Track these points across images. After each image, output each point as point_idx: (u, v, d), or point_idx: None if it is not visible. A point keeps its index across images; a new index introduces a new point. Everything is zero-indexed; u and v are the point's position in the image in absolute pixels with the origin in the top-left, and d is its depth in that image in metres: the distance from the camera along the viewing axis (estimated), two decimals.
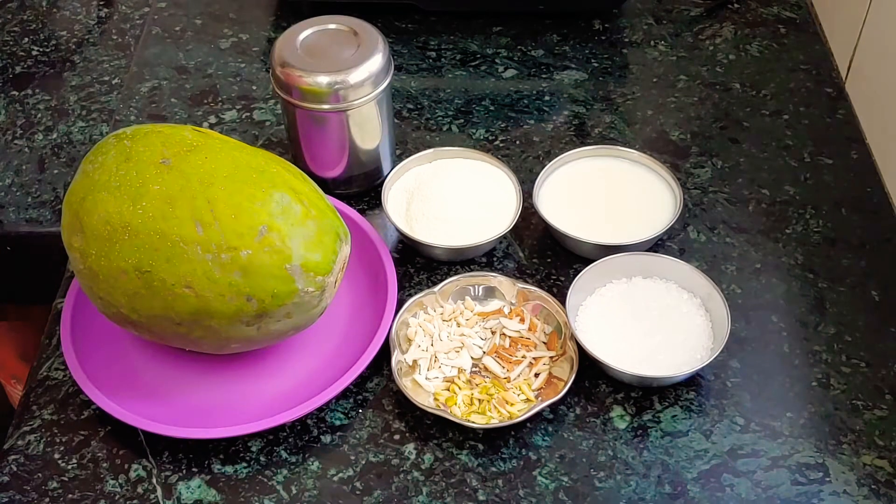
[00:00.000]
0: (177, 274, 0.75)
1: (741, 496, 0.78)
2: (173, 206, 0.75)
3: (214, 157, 0.78)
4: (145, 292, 0.75)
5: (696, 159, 1.04)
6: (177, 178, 0.76)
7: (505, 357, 0.85)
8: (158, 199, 0.75)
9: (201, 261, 0.74)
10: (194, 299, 0.75)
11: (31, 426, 0.83)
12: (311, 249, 0.77)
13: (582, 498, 0.78)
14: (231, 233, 0.75)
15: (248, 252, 0.75)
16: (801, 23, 1.20)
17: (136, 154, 0.77)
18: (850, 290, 0.91)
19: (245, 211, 0.75)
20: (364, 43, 0.92)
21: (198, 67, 1.16)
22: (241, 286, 0.75)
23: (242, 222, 0.75)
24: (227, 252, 0.75)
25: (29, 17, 1.25)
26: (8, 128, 1.10)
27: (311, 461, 0.81)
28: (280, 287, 0.76)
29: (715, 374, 0.85)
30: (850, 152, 1.04)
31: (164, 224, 0.75)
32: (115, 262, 0.75)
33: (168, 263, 0.74)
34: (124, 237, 0.75)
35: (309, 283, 0.77)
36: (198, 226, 0.75)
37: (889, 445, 0.81)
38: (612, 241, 0.91)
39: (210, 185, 0.76)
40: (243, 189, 0.76)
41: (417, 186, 0.96)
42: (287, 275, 0.76)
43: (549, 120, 1.08)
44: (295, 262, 0.76)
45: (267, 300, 0.76)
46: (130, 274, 0.75)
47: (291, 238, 0.76)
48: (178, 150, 0.78)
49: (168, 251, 0.74)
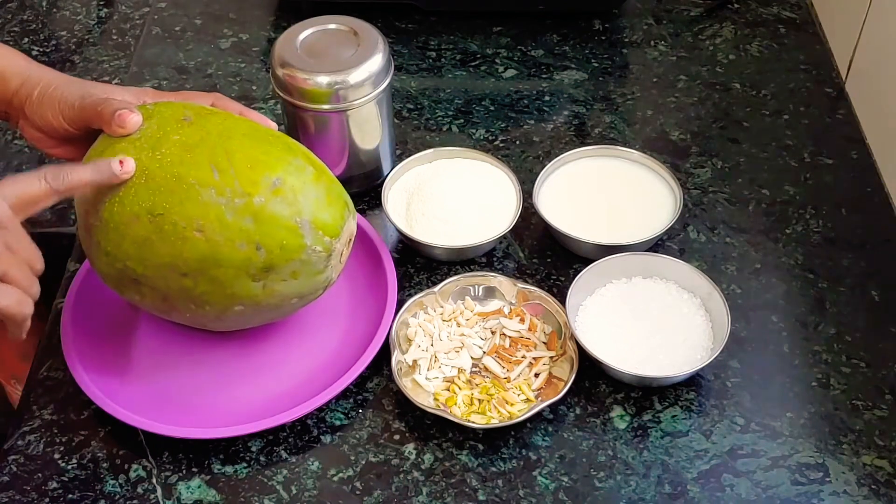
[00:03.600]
0: (189, 216, 0.75)
1: (741, 496, 0.78)
2: (191, 153, 0.76)
3: (234, 120, 0.80)
4: (155, 237, 0.76)
5: (696, 159, 1.04)
6: (197, 131, 0.78)
7: (505, 357, 0.85)
8: (177, 147, 0.77)
9: (215, 204, 0.75)
10: (204, 244, 0.75)
11: (31, 426, 0.83)
12: (321, 209, 0.78)
13: (582, 498, 0.78)
14: (246, 180, 0.76)
15: (261, 199, 0.76)
16: (801, 23, 1.20)
17: (157, 113, 0.79)
18: (850, 290, 0.91)
19: (261, 163, 0.77)
20: (364, 43, 0.92)
21: (198, 67, 1.16)
22: (251, 233, 0.76)
23: (258, 171, 0.76)
24: (240, 197, 0.76)
25: (29, 17, 1.25)
26: (8, 128, 1.10)
27: (311, 461, 0.81)
28: (289, 239, 0.77)
29: (715, 374, 0.85)
30: (850, 152, 1.04)
31: (182, 168, 0.76)
32: (130, 206, 0.76)
33: (181, 206, 0.75)
34: (141, 181, 0.76)
35: (317, 241, 0.78)
36: (214, 171, 0.76)
37: (889, 445, 0.81)
38: (612, 241, 0.91)
39: (229, 139, 0.78)
40: (260, 145, 0.78)
41: (417, 186, 0.96)
42: (296, 228, 0.77)
43: (549, 120, 1.08)
44: (305, 217, 0.77)
45: (275, 251, 0.76)
46: (143, 218, 0.75)
47: (303, 193, 0.78)
48: (199, 111, 0.80)
49: (183, 193, 0.75)
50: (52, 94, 0.81)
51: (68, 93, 0.80)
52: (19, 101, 0.82)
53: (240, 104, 0.85)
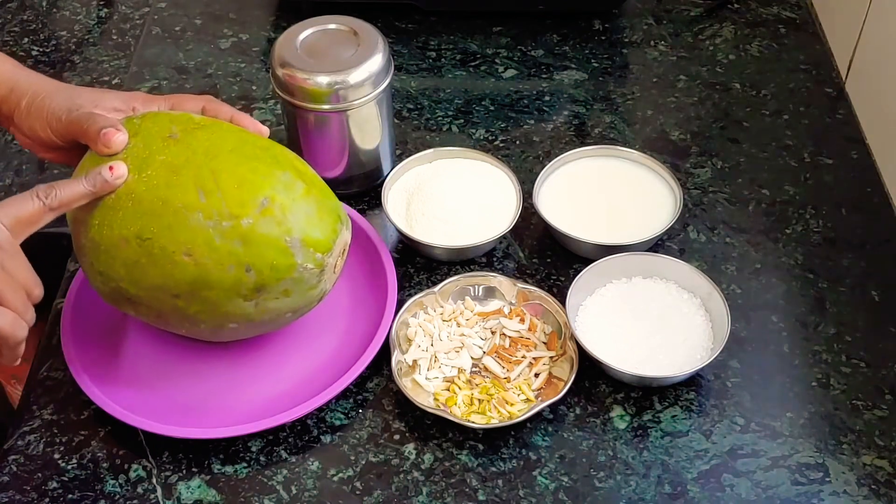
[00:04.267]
0: (177, 241, 0.75)
1: (741, 496, 0.78)
2: (178, 175, 0.75)
3: (221, 134, 0.79)
4: (145, 261, 0.75)
5: (696, 159, 1.04)
6: (183, 150, 0.77)
7: (505, 357, 0.85)
8: (163, 168, 0.76)
9: (202, 228, 0.75)
10: (193, 267, 0.75)
11: (31, 426, 0.83)
12: (312, 225, 0.78)
13: (582, 498, 0.78)
14: (233, 201, 0.75)
15: (249, 221, 0.75)
16: (801, 23, 1.20)
17: (144, 129, 0.78)
18: (850, 290, 0.91)
19: (248, 182, 0.76)
20: (364, 43, 0.92)
21: (198, 67, 1.16)
22: (240, 255, 0.75)
23: (245, 192, 0.76)
24: (228, 220, 0.75)
25: (29, 17, 1.25)
26: None
27: (311, 461, 0.81)
28: (279, 259, 0.76)
29: (715, 374, 0.85)
30: (850, 152, 1.04)
31: (168, 191, 0.75)
32: (118, 230, 0.75)
33: (169, 230, 0.75)
34: (128, 204, 0.75)
35: (308, 259, 0.77)
36: (200, 193, 0.75)
37: (889, 445, 0.81)
38: (612, 241, 0.91)
39: (215, 157, 0.77)
40: (247, 163, 0.77)
41: (417, 186, 0.96)
42: (286, 247, 0.76)
43: (549, 120, 1.08)
44: (295, 236, 0.76)
45: (266, 272, 0.76)
46: (132, 242, 0.75)
47: (293, 212, 0.77)
48: (185, 127, 0.79)
49: (170, 218, 0.75)
50: (40, 105, 0.80)
51: (56, 104, 0.79)
52: (8, 109, 0.81)
53: (231, 108, 0.84)
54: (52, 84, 0.82)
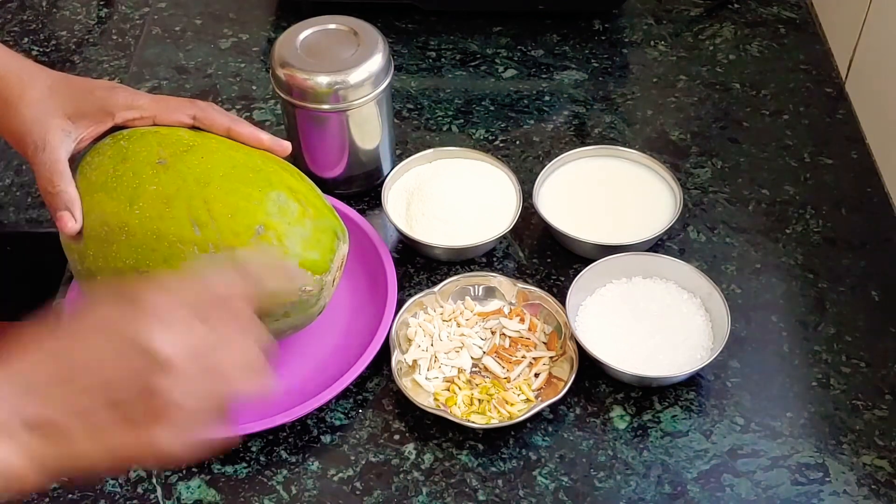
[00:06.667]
0: (174, 274, 0.74)
1: (741, 496, 0.78)
2: (170, 206, 0.75)
3: (211, 157, 0.78)
4: None
5: (696, 159, 1.04)
6: (173, 179, 0.76)
7: (505, 357, 0.85)
8: (155, 199, 0.75)
9: (198, 261, 0.74)
10: None
11: None
12: (309, 248, 0.77)
13: (582, 498, 0.78)
14: (228, 232, 0.75)
15: (245, 251, 0.75)
16: (801, 23, 1.20)
17: (132, 154, 0.78)
18: (850, 290, 0.91)
19: (241, 210, 0.75)
20: (364, 43, 0.92)
21: (198, 67, 1.16)
22: None
23: (239, 221, 0.75)
24: (224, 251, 0.74)
25: (29, 17, 1.25)
26: None
27: (311, 461, 0.81)
28: (278, 285, 0.76)
29: (715, 374, 0.85)
30: (850, 152, 1.04)
31: (161, 224, 0.75)
32: (113, 262, 0.75)
33: (165, 264, 0.74)
34: (121, 238, 0.75)
35: (307, 281, 0.77)
36: (195, 226, 0.74)
37: (889, 445, 0.81)
38: (612, 241, 0.91)
39: (206, 185, 0.76)
40: (240, 188, 0.76)
41: (417, 186, 0.96)
42: (284, 273, 0.76)
43: (549, 120, 1.08)
44: (292, 261, 0.76)
45: (265, 298, 0.76)
46: (128, 274, 0.75)
47: (288, 237, 0.76)
48: (174, 150, 0.78)
49: (165, 251, 0.74)
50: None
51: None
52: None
53: (228, 117, 0.82)
54: (53, 81, 0.81)
